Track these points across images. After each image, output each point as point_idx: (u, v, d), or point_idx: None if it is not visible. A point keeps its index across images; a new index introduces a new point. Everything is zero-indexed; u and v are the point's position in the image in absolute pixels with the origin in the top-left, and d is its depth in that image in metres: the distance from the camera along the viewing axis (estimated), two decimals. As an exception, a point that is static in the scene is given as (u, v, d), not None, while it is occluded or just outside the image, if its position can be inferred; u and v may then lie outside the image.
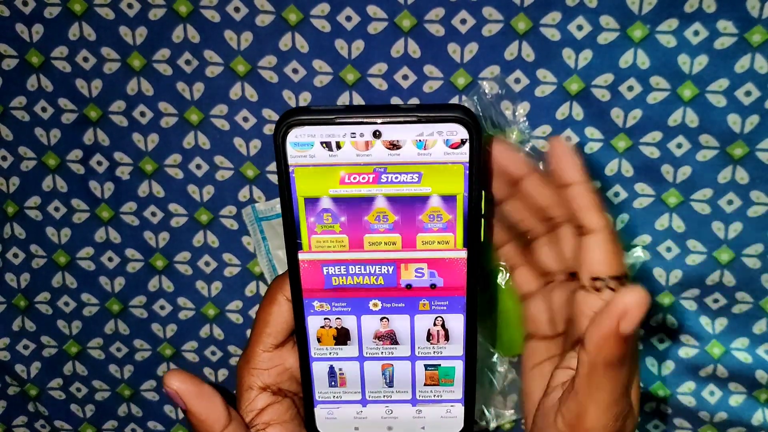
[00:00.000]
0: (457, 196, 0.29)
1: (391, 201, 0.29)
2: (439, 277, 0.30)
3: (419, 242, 0.30)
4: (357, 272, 0.30)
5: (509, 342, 0.44)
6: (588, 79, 0.43)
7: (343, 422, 0.34)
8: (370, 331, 0.32)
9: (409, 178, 0.29)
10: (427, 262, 0.30)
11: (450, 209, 0.29)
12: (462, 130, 0.28)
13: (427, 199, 0.29)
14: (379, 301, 0.31)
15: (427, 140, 0.28)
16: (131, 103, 0.46)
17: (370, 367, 0.33)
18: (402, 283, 0.31)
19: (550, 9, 0.42)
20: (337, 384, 0.33)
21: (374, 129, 0.28)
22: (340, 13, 0.44)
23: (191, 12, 0.44)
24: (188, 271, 0.49)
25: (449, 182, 0.29)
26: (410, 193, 0.29)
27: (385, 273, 0.30)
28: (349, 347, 0.32)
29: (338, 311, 0.31)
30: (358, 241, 0.30)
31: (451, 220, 0.29)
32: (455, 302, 0.31)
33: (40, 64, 0.46)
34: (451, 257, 0.30)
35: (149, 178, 0.47)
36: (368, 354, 0.33)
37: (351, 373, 0.33)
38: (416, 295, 0.31)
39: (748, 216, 0.45)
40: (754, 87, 0.42)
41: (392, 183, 0.29)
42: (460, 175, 0.28)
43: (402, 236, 0.30)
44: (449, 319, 0.31)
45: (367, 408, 0.34)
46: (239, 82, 0.45)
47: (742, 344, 0.47)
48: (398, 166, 0.28)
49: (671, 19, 0.42)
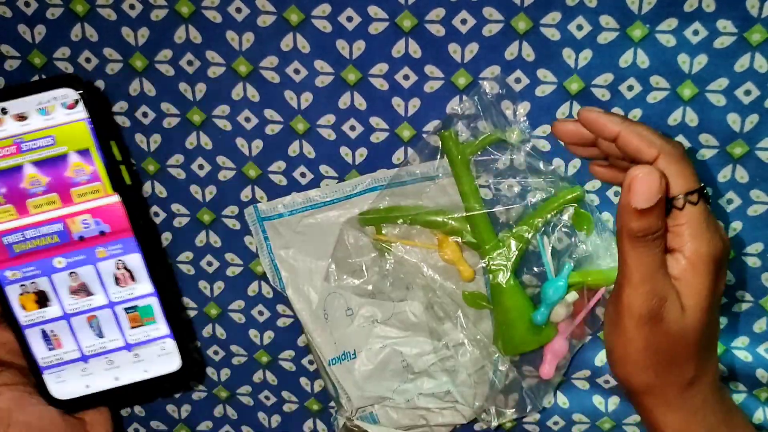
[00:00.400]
0: (89, 149, 0.34)
1: (38, 165, 0.34)
2: (105, 223, 0.35)
3: (75, 196, 0.35)
4: (32, 236, 0.35)
5: (510, 342, 0.44)
6: (588, 78, 0.44)
7: (72, 383, 0.36)
8: (65, 288, 0.36)
9: (45, 142, 0.34)
10: (89, 213, 0.35)
11: (89, 161, 0.34)
12: (72, 92, 0.34)
13: (66, 156, 0.34)
14: (62, 258, 0.36)
15: (47, 107, 0.33)
16: (133, 103, 0.46)
17: (77, 322, 0.37)
18: (75, 237, 0.35)
19: (550, 9, 0.43)
20: (54, 346, 0.36)
21: (1, 107, 0.33)
22: (342, 13, 0.44)
23: (193, 13, 0.45)
24: (190, 271, 0.49)
25: (79, 139, 0.34)
26: (51, 155, 0.34)
27: (58, 230, 0.35)
28: (52, 308, 0.36)
29: (30, 275, 0.35)
30: (23, 207, 0.34)
31: (93, 170, 0.34)
32: (127, 243, 0.36)
33: (43, 65, 0.46)
34: (106, 203, 0.35)
35: (152, 178, 0.48)
36: (71, 310, 0.36)
37: (62, 332, 0.36)
38: (91, 245, 0.36)
39: (748, 215, 0.45)
40: (753, 86, 0.43)
41: (32, 150, 0.34)
42: (86, 130, 0.34)
43: (59, 194, 0.35)
44: (128, 260, 0.36)
45: (90, 363, 0.37)
46: (241, 83, 0.46)
47: (742, 343, 0.47)
48: (31, 134, 0.34)
49: (671, 18, 0.42)
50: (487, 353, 0.46)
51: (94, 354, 0.37)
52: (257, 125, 0.46)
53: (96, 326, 0.37)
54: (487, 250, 0.43)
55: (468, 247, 0.44)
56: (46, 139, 0.34)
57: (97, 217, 0.35)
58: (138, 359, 0.38)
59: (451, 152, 0.44)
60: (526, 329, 0.43)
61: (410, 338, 0.47)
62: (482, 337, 0.46)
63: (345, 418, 0.48)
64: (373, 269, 0.45)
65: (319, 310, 0.47)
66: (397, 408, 0.47)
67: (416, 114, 0.45)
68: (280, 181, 0.47)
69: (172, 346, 0.37)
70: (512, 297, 0.43)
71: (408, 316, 0.47)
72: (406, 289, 0.46)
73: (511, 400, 0.47)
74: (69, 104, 0.34)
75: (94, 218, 0.35)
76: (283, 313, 0.49)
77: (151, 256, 0.36)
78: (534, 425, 0.50)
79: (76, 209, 0.35)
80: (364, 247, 0.45)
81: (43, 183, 0.34)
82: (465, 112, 0.44)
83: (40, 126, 0.34)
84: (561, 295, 0.43)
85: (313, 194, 0.46)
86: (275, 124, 0.46)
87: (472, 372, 0.47)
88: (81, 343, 0.37)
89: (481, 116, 0.44)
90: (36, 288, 0.36)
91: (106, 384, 0.38)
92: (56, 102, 0.34)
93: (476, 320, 0.46)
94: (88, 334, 0.37)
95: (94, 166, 0.35)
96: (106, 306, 0.37)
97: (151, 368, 0.38)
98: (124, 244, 0.36)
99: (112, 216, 0.35)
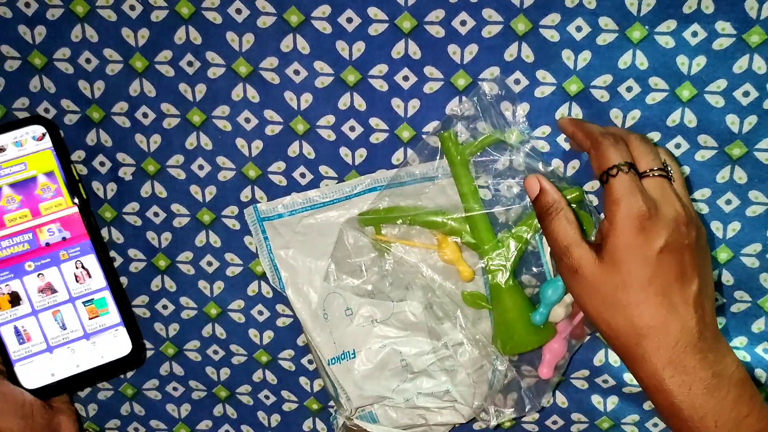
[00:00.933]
0: (54, 171, 0.43)
1: (13, 186, 0.43)
2: (66, 230, 0.43)
3: (42, 209, 0.43)
4: (7, 245, 0.43)
5: (508, 341, 0.44)
6: (587, 79, 0.44)
7: (39, 372, 0.44)
8: (34, 288, 0.43)
9: (19, 167, 0.43)
10: (53, 223, 0.43)
11: (53, 181, 0.43)
12: (40, 128, 0.43)
13: (35, 178, 0.43)
14: (32, 262, 0.43)
15: (21, 140, 0.43)
16: (134, 104, 0.46)
17: (44, 318, 0.44)
18: (42, 243, 0.43)
19: (549, 10, 0.43)
20: (24, 340, 0.43)
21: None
22: (341, 14, 0.44)
23: (193, 14, 0.45)
24: (190, 271, 0.49)
25: (46, 164, 0.43)
26: (23, 178, 0.43)
27: (28, 239, 0.43)
28: (23, 306, 0.43)
29: (4, 279, 0.43)
30: (0, 221, 0.42)
31: (57, 188, 0.43)
32: (84, 246, 0.44)
33: (43, 66, 0.46)
34: (67, 213, 0.44)
35: (152, 178, 0.48)
36: (38, 307, 0.44)
37: (32, 327, 0.43)
38: (55, 249, 0.43)
39: (747, 215, 0.45)
40: (752, 87, 0.43)
41: (9, 174, 0.43)
42: (51, 157, 0.43)
43: (29, 209, 0.43)
44: (85, 260, 0.44)
45: (54, 353, 0.44)
46: (241, 83, 0.46)
47: (740, 343, 0.47)
48: (9, 162, 0.43)
49: (670, 20, 0.42)
50: (486, 353, 0.46)
51: (58, 344, 0.44)
52: (257, 126, 0.46)
53: (60, 319, 0.44)
54: (486, 250, 0.43)
55: (467, 247, 0.45)
56: (20, 166, 0.43)
57: (60, 227, 0.43)
58: (95, 347, 0.44)
59: (450, 153, 0.44)
60: (524, 329, 0.43)
61: (409, 338, 0.47)
62: (481, 337, 0.46)
63: (345, 418, 0.48)
64: (373, 269, 0.45)
65: (318, 309, 0.47)
66: (396, 407, 0.48)
67: (416, 115, 0.45)
68: (279, 181, 0.47)
69: (123, 332, 0.44)
70: (511, 297, 0.43)
71: (407, 316, 0.47)
72: (406, 289, 0.46)
73: (509, 400, 0.48)
74: (38, 137, 0.43)
75: (58, 227, 0.43)
76: (283, 313, 0.49)
77: (102, 255, 0.44)
78: (533, 424, 0.50)
79: (43, 220, 0.43)
80: (364, 247, 0.45)
81: (17, 201, 0.43)
82: (464, 113, 0.44)
83: (15, 155, 0.43)
84: (560, 295, 0.43)
85: (313, 194, 0.46)
86: (275, 125, 0.46)
87: (471, 372, 0.47)
88: (47, 336, 0.44)
89: (481, 117, 0.44)
90: (10, 290, 0.43)
91: (69, 371, 0.44)
92: (28, 136, 0.43)
93: (475, 320, 0.46)
94: (53, 327, 0.44)
95: (57, 185, 0.43)
96: (68, 301, 0.44)
97: (106, 354, 0.44)
98: (81, 247, 0.44)
99: (72, 224, 0.43)
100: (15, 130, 0.42)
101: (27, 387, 0.43)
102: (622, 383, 0.48)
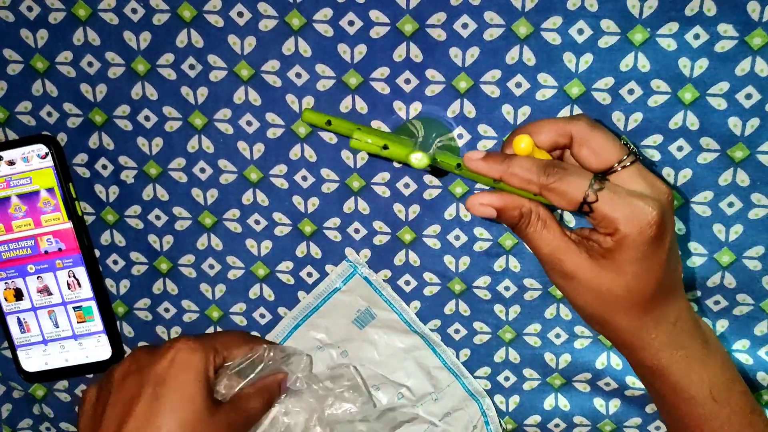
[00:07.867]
0: (54, 188, 0.47)
1: (21, 197, 0.47)
2: (62, 242, 0.48)
3: (43, 221, 0.48)
4: (14, 247, 0.48)
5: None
6: (589, 82, 0.44)
7: (36, 359, 0.50)
8: (34, 288, 0.49)
9: (25, 181, 0.47)
10: (51, 234, 0.48)
11: (53, 197, 0.47)
12: (44, 148, 0.47)
13: (38, 192, 0.47)
14: (33, 265, 0.48)
15: (28, 156, 0.47)
16: (136, 107, 0.47)
17: (41, 315, 0.49)
18: (42, 250, 0.48)
19: (550, 13, 0.43)
20: (25, 330, 0.49)
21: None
22: (343, 17, 0.44)
23: (195, 17, 0.45)
24: (192, 274, 0.49)
25: (47, 180, 0.47)
26: (29, 190, 0.47)
27: (31, 245, 0.48)
28: (24, 302, 0.49)
29: (11, 276, 0.49)
30: (9, 226, 0.48)
31: (56, 203, 0.47)
32: (76, 258, 0.48)
33: (45, 69, 0.46)
34: (63, 228, 0.48)
35: (153, 181, 0.48)
36: (37, 305, 0.49)
37: (31, 320, 0.49)
38: (53, 258, 0.48)
39: (749, 218, 0.45)
40: (754, 90, 0.43)
41: (17, 186, 0.47)
42: (52, 175, 0.47)
43: (33, 219, 0.48)
44: (76, 271, 0.49)
45: (48, 346, 0.50)
46: (243, 87, 0.46)
47: (743, 346, 0.47)
48: (17, 175, 0.47)
49: (672, 22, 0.42)
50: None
51: (52, 339, 0.50)
52: (259, 129, 0.46)
53: (54, 318, 0.49)
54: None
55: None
56: (26, 179, 0.47)
57: (57, 238, 0.48)
58: (81, 347, 0.50)
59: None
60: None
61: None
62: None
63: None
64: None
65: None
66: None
67: (418, 117, 0.45)
68: (281, 184, 0.47)
69: (105, 340, 0.49)
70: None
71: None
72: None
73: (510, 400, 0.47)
74: (42, 155, 0.47)
75: (55, 238, 0.48)
76: (284, 316, 0.49)
77: (92, 270, 0.48)
78: (535, 428, 0.50)
79: (43, 231, 0.48)
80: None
81: (23, 210, 0.47)
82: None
83: (23, 170, 0.47)
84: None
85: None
86: (277, 128, 0.46)
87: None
88: (43, 329, 0.49)
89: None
90: (14, 286, 0.49)
91: (59, 363, 0.50)
92: (33, 153, 0.47)
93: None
94: (48, 323, 0.49)
95: (56, 201, 0.47)
96: (61, 304, 0.49)
97: (90, 355, 0.50)
98: (74, 259, 0.48)
99: (67, 238, 0.48)
100: (23, 147, 0.47)
101: (27, 369, 0.50)
102: (624, 386, 0.48)
